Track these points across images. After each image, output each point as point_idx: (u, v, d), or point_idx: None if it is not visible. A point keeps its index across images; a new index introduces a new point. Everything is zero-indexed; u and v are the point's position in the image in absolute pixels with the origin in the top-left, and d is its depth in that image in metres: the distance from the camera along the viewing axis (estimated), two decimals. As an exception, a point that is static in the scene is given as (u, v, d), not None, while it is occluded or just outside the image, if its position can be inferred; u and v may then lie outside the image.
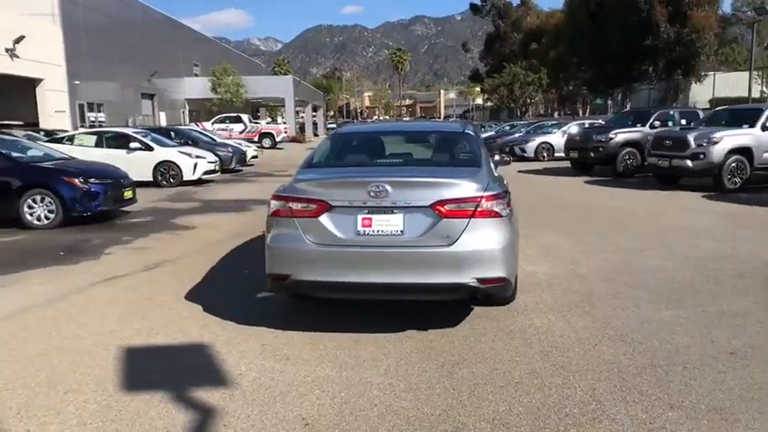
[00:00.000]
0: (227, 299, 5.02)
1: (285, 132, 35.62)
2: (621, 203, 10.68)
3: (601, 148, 14.68)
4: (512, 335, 4.06)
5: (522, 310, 4.55)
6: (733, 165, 11.23)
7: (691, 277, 5.47)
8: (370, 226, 3.80)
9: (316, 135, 53.96)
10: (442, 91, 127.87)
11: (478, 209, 3.75)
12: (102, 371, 3.59)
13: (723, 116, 13.06)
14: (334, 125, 75.43)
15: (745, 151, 11.24)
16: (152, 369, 3.64)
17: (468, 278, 3.73)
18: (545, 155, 20.31)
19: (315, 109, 58.28)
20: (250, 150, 20.61)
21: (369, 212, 3.81)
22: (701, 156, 11.22)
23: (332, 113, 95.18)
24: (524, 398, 3.14)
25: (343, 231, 3.82)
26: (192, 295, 5.16)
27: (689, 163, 11.39)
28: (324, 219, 3.84)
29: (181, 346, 4.01)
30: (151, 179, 13.65)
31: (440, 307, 4.50)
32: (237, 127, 31.96)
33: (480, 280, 3.73)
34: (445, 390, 3.26)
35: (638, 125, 15.01)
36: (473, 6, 62.87)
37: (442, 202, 3.74)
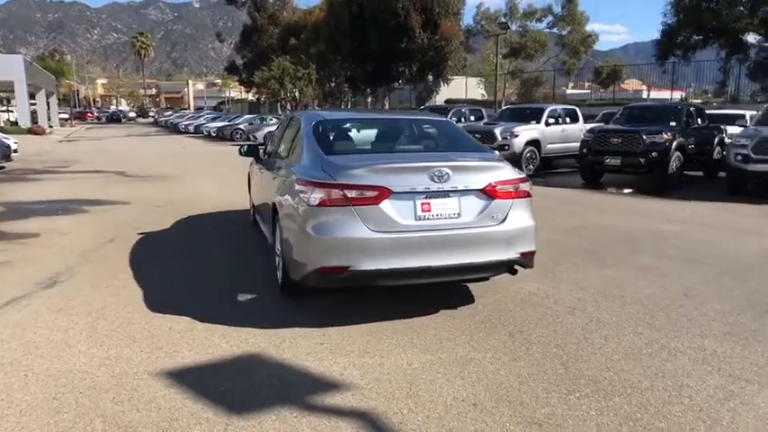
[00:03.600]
0: (207, 307, 4.39)
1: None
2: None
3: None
4: (527, 302, 4.52)
5: (504, 281, 4.99)
6: (528, 154, 13.56)
7: (582, 244, 6.65)
8: (429, 210, 3.84)
9: (51, 126, 46.14)
10: (190, 81, 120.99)
11: (518, 190, 4.10)
12: (167, 401, 2.95)
13: (507, 113, 15.57)
14: (66, 115, 65.05)
15: (535, 143, 13.66)
16: (226, 388, 3.11)
17: (514, 253, 4.06)
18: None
19: (47, 96, 49.76)
20: (11, 143, 16.92)
21: (426, 197, 3.84)
22: (506, 147, 13.26)
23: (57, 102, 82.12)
24: (606, 347, 3.63)
25: (404, 217, 3.79)
26: (158, 307, 4.38)
27: (496, 153, 13.35)
28: (385, 205, 3.75)
29: (228, 360, 3.47)
30: None
31: (437, 288, 4.69)
32: None
33: (522, 254, 4.11)
34: (541, 354, 3.55)
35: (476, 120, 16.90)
36: (228, -4, 61.02)
37: (493, 185, 3.99)
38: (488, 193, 3.98)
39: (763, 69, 23.41)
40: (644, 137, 11.29)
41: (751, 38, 24.08)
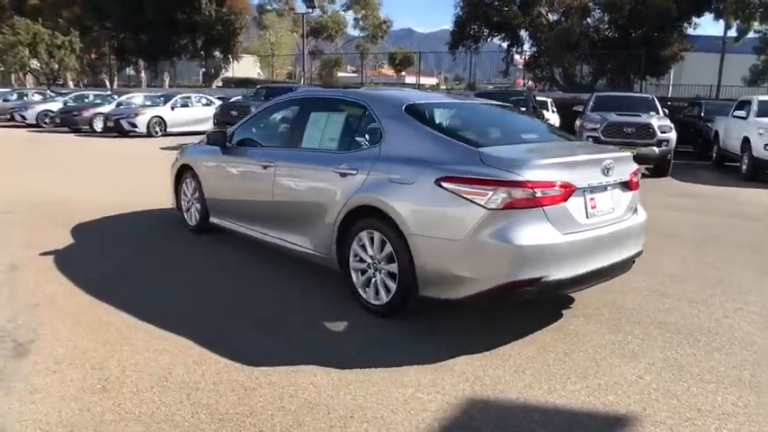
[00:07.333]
0: (301, 345, 3.41)
1: None
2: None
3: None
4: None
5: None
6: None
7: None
8: (595, 207, 3.53)
9: None
10: None
11: (638, 180, 4.01)
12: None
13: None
14: None
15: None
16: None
17: (641, 245, 3.99)
18: (158, 129, 18.59)
19: None
20: None
21: (592, 192, 3.52)
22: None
23: None
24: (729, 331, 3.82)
25: (580, 216, 3.42)
26: (243, 357, 3.23)
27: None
28: (570, 204, 3.32)
29: (459, 413, 2.71)
30: None
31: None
32: None
33: (642, 245, 4.06)
34: (697, 345, 3.57)
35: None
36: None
37: (632, 175, 3.84)
38: (629, 184, 3.82)
39: (536, 62, 27.41)
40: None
41: (524, 33, 27.90)
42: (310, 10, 29.29)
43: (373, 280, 3.80)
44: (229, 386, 2.92)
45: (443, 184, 3.32)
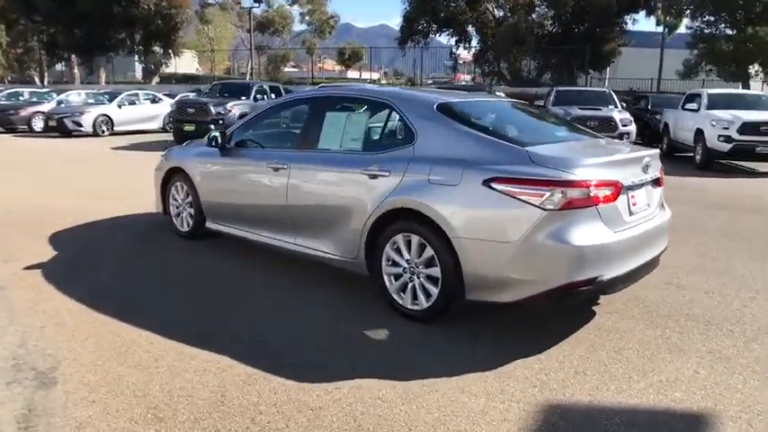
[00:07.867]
0: (368, 357, 3.27)
1: None
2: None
3: (221, 120, 14.34)
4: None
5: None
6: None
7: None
8: (635, 204, 3.56)
9: None
10: None
11: (662, 175, 4.08)
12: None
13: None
14: None
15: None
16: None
17: (667, 240, 4.06)
18: (104, 129, 17.61)
19: None
20: None
21: (632, 190, 3.54)
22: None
23: None
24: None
25: (625, 214, 3.44)
26: (312, 375, 3.06)
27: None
28: (619, 202, 3.33)
29: (550, 418, 2.65)
30: None
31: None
32: None
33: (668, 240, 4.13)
34: (732, 338, 3.68)
35: (243, 98, 15.47)
36: None
37: (660, 172, 3.90)
38: (658, 181, 3.88)
39: (483, 58, 27.83)
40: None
41: (471, 29, 28.26)
42: (257, 4, 28.46)
43: (410, 284, 3.69)
44: (293, 407, 2.74)
45: (493, 185, 3.24)
